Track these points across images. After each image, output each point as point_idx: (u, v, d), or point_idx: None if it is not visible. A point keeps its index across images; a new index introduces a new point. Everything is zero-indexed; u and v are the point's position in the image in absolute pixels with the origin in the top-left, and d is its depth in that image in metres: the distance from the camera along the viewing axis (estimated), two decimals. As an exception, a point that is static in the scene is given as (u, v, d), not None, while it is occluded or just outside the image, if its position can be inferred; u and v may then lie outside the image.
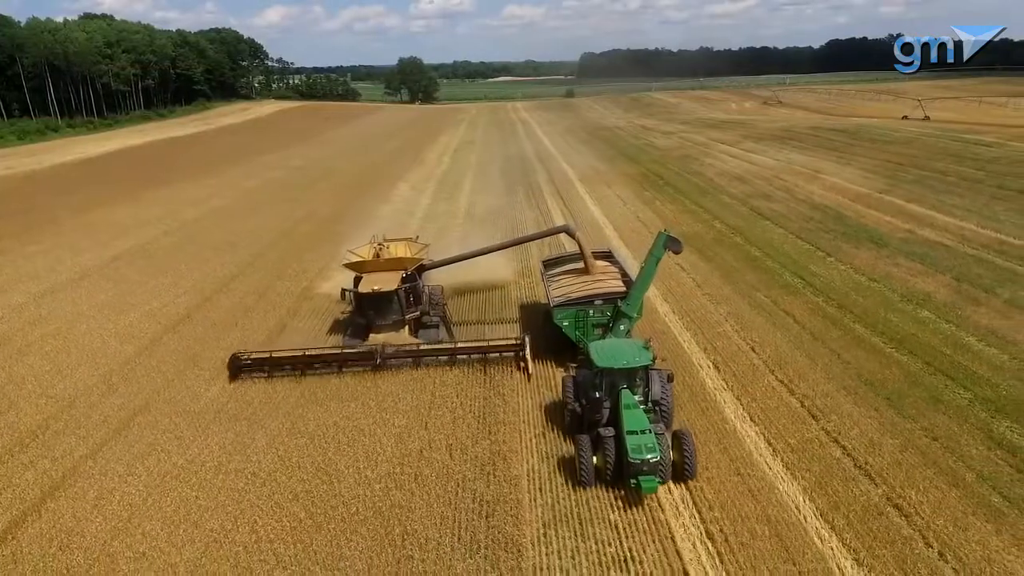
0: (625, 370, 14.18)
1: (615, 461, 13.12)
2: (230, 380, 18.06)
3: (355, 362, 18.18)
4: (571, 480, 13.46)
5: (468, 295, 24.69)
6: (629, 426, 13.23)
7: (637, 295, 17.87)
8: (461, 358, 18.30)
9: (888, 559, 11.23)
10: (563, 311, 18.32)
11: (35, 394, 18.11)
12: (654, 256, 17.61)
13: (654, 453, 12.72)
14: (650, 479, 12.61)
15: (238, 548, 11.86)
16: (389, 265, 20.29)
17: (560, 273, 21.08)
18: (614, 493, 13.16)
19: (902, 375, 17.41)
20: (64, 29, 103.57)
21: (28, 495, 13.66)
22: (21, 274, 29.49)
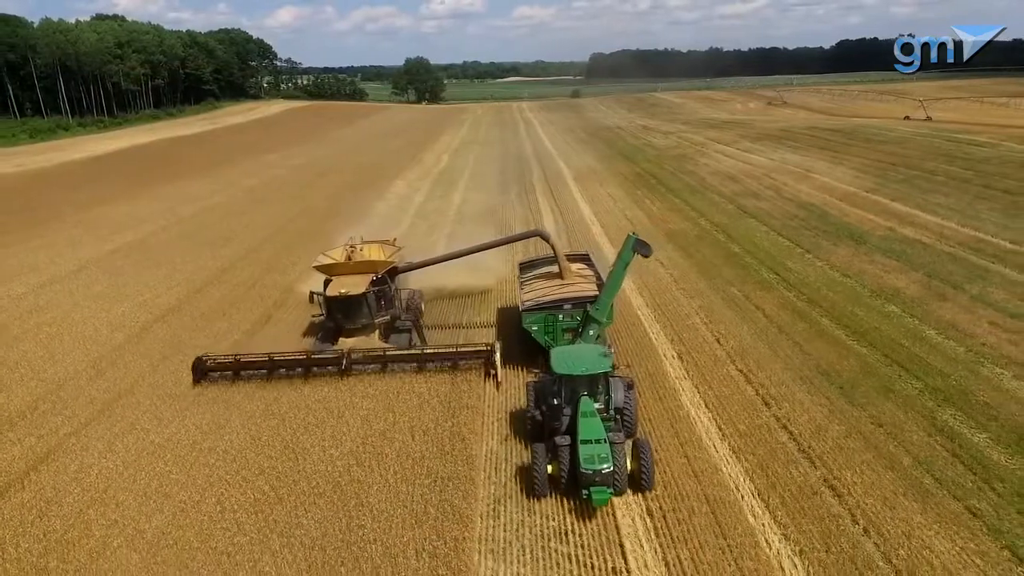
0: (585, 377, 13.89)
1: (569, 470, 12.80)
2: (194, 383, 17.72)
3: (321, 367, 17.82)
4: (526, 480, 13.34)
5: (453, 299, 24.48)
6: (584, 435, 12.93)
7: (606, 300, 17.40)
8: (430, 365, 17.83)
9: (814, 534, 11.81)
10: (532, 315, 18.12)
11: (27, 377, 19.03)
12: (623, 260, 17.26)
13: (607, 463, 12.43)
14: (602, 490, 12.34)
15: (203, 517, 12.61)
16: (359, 268, 19.65)
17: (534, 276, 20.93)
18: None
19: (858, 366, 17.92)
20: (76, 30, 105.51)
21: (13, 468, 14.52)
22: (23, 266, 30.54)
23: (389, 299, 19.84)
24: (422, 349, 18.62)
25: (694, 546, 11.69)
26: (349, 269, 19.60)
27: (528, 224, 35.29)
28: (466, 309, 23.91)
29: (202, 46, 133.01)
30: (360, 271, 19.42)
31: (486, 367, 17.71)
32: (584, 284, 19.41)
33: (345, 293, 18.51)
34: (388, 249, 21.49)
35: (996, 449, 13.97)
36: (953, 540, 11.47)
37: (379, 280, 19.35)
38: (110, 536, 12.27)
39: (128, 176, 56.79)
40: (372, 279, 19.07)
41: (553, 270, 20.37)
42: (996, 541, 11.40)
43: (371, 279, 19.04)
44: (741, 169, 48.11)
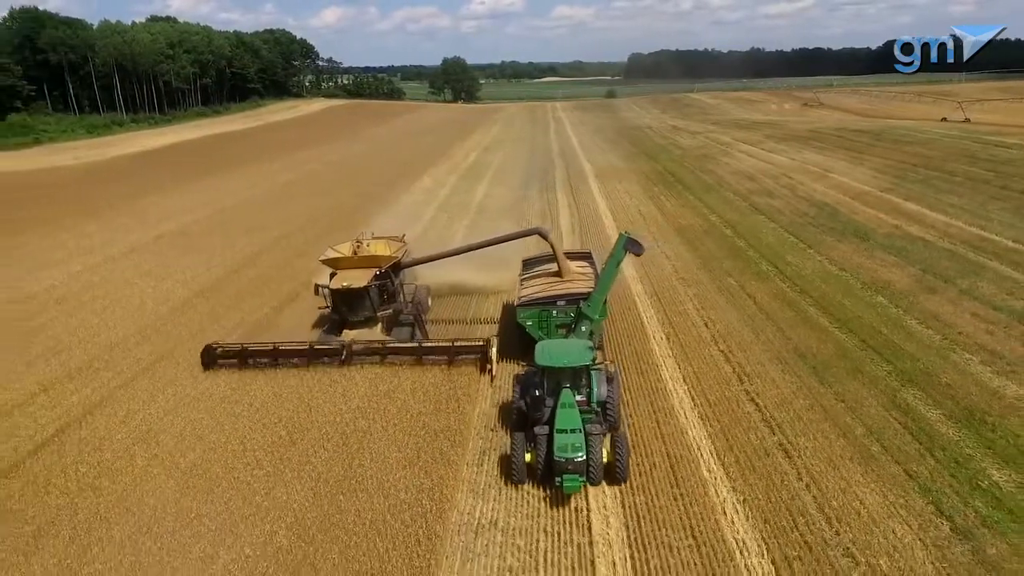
0: (567, 369, 14.15)
1: (545, 459, 13.22)
2: (204, 369, 18.45)
3: (323, 356, 18.38)
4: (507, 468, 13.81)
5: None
6: (560, 424, 13.29)
7: (598, 297, 17.46)
8: (427, 358, 18.26)
9: (759, 487, 13.18)
10: (527, 311, 18.51)
11: (84, 340, 21.56)
12: (614, 258, 17.27)
13: (580, 453, 12.82)
14: (574, 478, 12.72)
15: (228, 455, 14.67)
16: (364, 262, 19.98)
17: (534, 273, 21.21)
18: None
19: (835, 349, 19.04)
20: (132, 31, 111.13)
21: (73, 412, 16.89)
22: (80, 248, 33.54)
23: (392, 293, 20.31)
24: (420, 342, 19.07)
25: (650, 493, 13.19)
26: (354, 263, 20.01)
27: (544, 218, 36.95)
28: (475, 305, 24.19)
29: (248, 46, 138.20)
30: (364, 265, 19.80)
31: (481, 362, 18.06)
32: (580, 282, 19.71)
33: (347, 286, 19.00)
34: (394, 245, 21.91)
35: (946, 424, 15.06)
36: (885, 496, 12.71)
37: (382, 275, 19.73)
38: (151, 467, 14.42)
39: (175, 170, 60.36)
40: (375, 273, 19.45)
41: (554, 267, 20.74)
42: (924, 498, 12.60)
43: (374, 273, 19.42)
44: (760, 168, 48.77)
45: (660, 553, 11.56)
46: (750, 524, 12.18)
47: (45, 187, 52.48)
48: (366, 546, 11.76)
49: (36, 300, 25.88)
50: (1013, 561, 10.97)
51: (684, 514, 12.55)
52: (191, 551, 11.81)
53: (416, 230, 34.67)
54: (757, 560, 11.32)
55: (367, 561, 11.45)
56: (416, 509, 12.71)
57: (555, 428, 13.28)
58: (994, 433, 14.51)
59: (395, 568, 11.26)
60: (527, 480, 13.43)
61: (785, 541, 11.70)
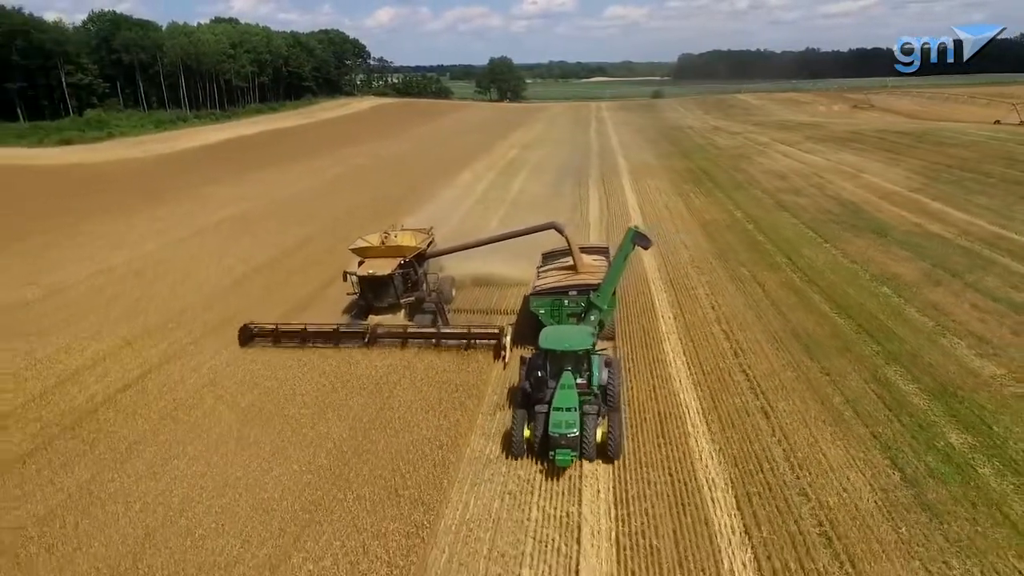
0: (568, 353, 14.99)
1: (542, 434, 14.11)
2: (241, 346, 20.19)
3: (349, 338, 19.75)
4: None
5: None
6: (557, 403, 14.16)
7: (607, 288, 18.22)
8: (445, 343, 19.50)
9: (735, 439, 14.95)
10: (539, 300, 19.43)
11: (159, 306, 24.67)
12: (623, 252, 18.08)
13: (573, 429, 13.66)
14: (565, 452, 13.55)
15: (280, 397, 17.27)
16: (390, 252, 21.11)
17: (551, 265, 22.09)
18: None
19: (829, 331, 20.47)
20: (197, 32, 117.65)
21: (152, 361, 19.85)
22: (152, 231, 37.17)
23: (415, 282, 21.42)
24: (438, 329, 20.25)
25: (638, 441, 15.10)
26: (380, 253, 21.24)
27: (574, 210, 38.89)
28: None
29: (304, 46, 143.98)
30: (390, 255, 21.02)
31: (496, 348, 19.10)
32: (593, 274, 20.31)
33: (373, 273, 20.31)
34: (419, 236, 22.98)
35: (919, 396, 16.45)
36: (847, 450, 14.32)
37: (406, 264, 20.86)
38: (217, 405, 17.13)
39: (234, 162, 64.59)
40: (400, 263, 20.66)
41: (571, 261, 21.44)
42: (882, 454, 14.15)
43: (398, 262, 20.63)
44: (793, 168, 49.44)
45: (639, 486, 13.49)
46: (721, 467, 13.99)
47: (120, 177, 57.26)
48: (391, 468, 14.10)
49: (117, 272, 29.32)
50: (948, 504, 12.49)
51: (665, 458, 14.44)
52: (250, 465, 14.37)
53: (453, 220, 37.19)
54: (722, 494, 13.14)
55: (391, 479, 13.77)
56: (434, 443, 14.99)
57: (552, 406, 14.16)
58: (961, 405, 15.85)
59: (414, 485, 13.55)
60: (525, 453, 14.33)
61: (749, 481, 13.48)
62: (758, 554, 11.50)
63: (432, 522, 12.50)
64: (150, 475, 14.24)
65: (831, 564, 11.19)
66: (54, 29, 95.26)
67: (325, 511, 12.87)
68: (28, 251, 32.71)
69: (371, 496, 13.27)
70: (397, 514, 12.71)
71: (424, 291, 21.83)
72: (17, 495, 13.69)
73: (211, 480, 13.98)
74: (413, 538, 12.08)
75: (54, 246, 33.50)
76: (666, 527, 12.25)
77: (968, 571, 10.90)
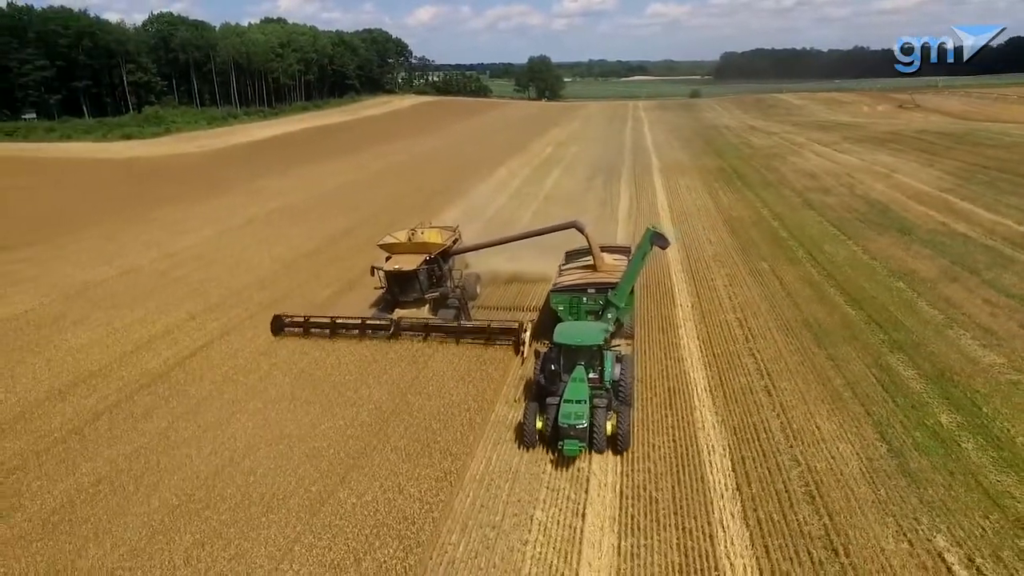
0: (581, 348, 15.46)
1: (553, 425, 14.60)
2: (273, 335, 21.30)
3: (374, 330, 20.67)
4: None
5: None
6: (567, 395, 14.63)
7: (624, 287, 18.55)
8: (466, 337, 20.09)
9: (736, 412, 16.31)
10: (559, 296, 19.83)
11: (217, 287, 27.15)
12: (641, 251, 18.45)
13: (581, 420, 14.11)
14: (573, 443, 14.01)
15: (327, 365, 19.34)
16: (416, 248, 21.83)
17: (573, 264, 22.50)
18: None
19: (839, 321, 21.51)
20: (248, 32, 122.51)
21: (214, 333, 22.20)
22: (208, 219, 40.06)
23: (439, 278, 22.19)
24: (459, 323, 20.81)
25: (646, 412, 16.58)
26: (407, 249, 22.00)
27: (604, 206, 40.29)
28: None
29: (348, 45, 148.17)
30: (416, 251, 21.79)
31: (516, 343, 19.71)
32: (612, 273, 20.45)
33: (398, 269, 21.13)
34: (446, 234, 23.63)
35: (918, 381, 17.48)
36: (840, 425, 15.54)
37: (431, 260, 21.62)
38: (272, 370, 19.28)
39: (281, 157, 67.83)
40: (425, 259, 21.47)
41: (592, 260, 21.65)
42: (874, 429, 15.32)
43: (424, 259, 21.42)
44: (825, 168, 49.74)
45: (644, 448, 15.00)
46: (721, 436, 15.39)
47: (178, 170, 60.97)
48: (425, 426, 15.94)
49: (178, 256, 32.04)
50: (928, 472, 13.65)
51: (670, 427, 15.90)
52: (301, 420, 16.41)
53: (488, 213, 39.18)
54: (719, 458, 14.56)
55: (424, 435, 15.61)
56: (463, 407, 16.79)
57: (563, 398, 14.66)
58: (956, 388, 16.86)
59: (444, 440, 15.35)
60: (537, 444, 14.96)
61: (745, 447, 14.86)
62: (745, 506, 12.92)
63: (459, 470, 14.27)
64: (216, 426, 16.39)
65: (811, 517, 12.54)
66: (117, 30, 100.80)
67: (366, 458, 14.77)
68: (101, 236, 35.83)
69: (407, 448, 15.12)
70: (429, 463, 14.54)
71: (448, 287, 22.55)
72: (109, 437, 16.01)
73: (268, 431, 16.04)
74: (442, 482, 13.88)
75: (124, 232, 36.58)
76: (666, 482, 13.75)
77: (935, 526, 12.11)
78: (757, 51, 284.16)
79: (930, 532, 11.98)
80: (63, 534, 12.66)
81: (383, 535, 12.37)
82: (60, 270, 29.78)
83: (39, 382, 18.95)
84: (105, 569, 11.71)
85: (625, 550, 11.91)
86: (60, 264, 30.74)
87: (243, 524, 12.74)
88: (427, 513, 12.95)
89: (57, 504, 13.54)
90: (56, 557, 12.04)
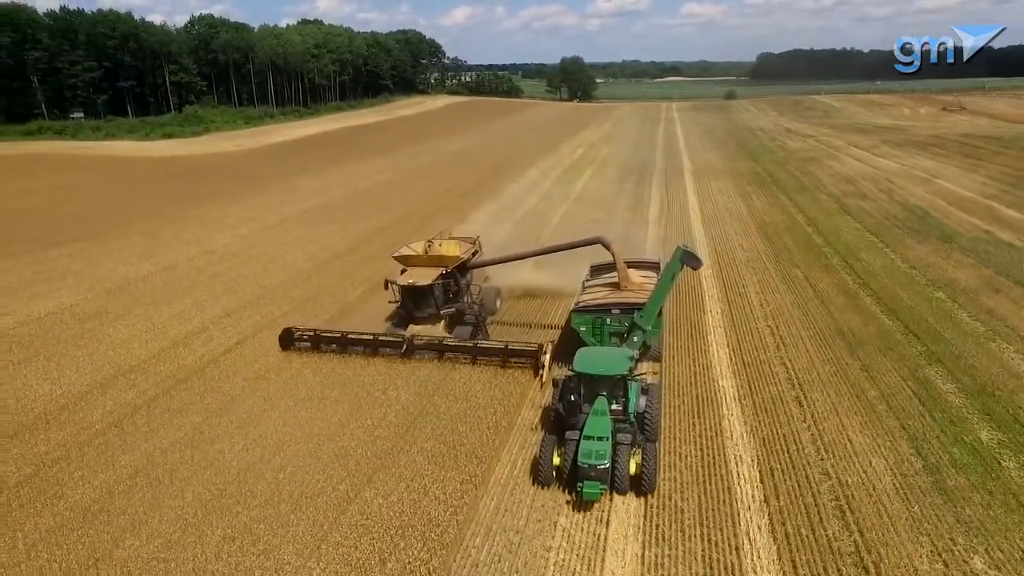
0: (603, 377, 14.16)
1: (572, 463, 13.38)
2: (281, 350, 20.39)
3: (386, 347, 19.61)
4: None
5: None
6: (588, 431, 13.42)
7: (652, 308, 17.19)
8: (482, 358, 18.97)
9: (765, 421, 16.06)
10: (581, 316, 18.62)
11: (252, 284, 27.76)
12: (670, 271, 16.97)
13: (603, 460, 12.86)
14: (594, 485, 12.76)
15: (356, 365, 19.57)
16: (432, 262, 20.76)
17: (597, 280, 21.31)
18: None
19: (875, 331, 21.00)
20: (285, 33, 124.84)
21: (248, 330, 22.72)
22: (245, 217, 40.96)
23: (456, 293, 21.08)
24: (476, 343, 19.57)
25: (674, 419, 16.43)
26: (423, 262, 20.91)
27: (634, 209, 40.02)
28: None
29: (382, 46, 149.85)
30: (432, 264, 20.70)
31: (534, 366, 18.45)
32: (639, 292, 19.28)
33: (412, 283, 19.95)
34: (464, 246, 22.50)
35: (956, 395, 16.98)
36: (874, 439, 15.18)
37: (447, 274, 20.50)
38: (302, 370, 19.61)
39: (316, 157, 68.97)
40: (441, 273, 20.30)
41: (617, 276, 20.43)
42: (909, 444, 14.92)
43: (440, 273, 20.27)
44: (863, 172, 48.57)
45: (670, 457, 14.86)
46: (750, 446, 15.17)
47: (216, 168, 62.48)
48: (451, 428, 16.07)
49: (215, 254, 32.83)
50: (966, 490, 13.25)
51: (697, 435, 15.72)
52: (330, 418, 16.68)
53: (517, 214, 39.25)
54: (747, 469, 14.36)
55: (450, 438, 15.74)
56: (489, 410, 16.86)
57: (583, 434, 13.46)
58: (998, 404, 16.33)
59: (470, 443, 15.45)
60: (553, 482, 13.68)
61: (774, 459, 14.62)
62: (773, 519, 12.72)
63: (484, 473, 14.35)
64: (248, 422, 16.77)
65: (841, 532, 12.28)
66: (161, 32, 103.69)
67: (393, 459, 14.95)
68: (143, 232, 36.92)
69: (432, 450, 15.26)
70: (454, 465, 14.65)
71: (465, 303, 21.46)
72: (146, 431, 16.52)
73: (298, 429, 16.35)
74: (467, 485, 13.97)
75: (164, 229, 37.63)
76: (692, 492, 13.61)
77: (972, 547, 11.75)
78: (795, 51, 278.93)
79: (967, 553, 11.63)
80: (102, 524, 13.10)
81: (408, 536, 12.51)
82: (103, 266, 30.79)
83: (82, 375, 19.64)
84: (141, 559, 12.08)
85: (649, 559, 11.84)
86: (104, 260, 31.78)
87: (272, 521, 13.01)
88: (452, 516, 13.05)
89: (97, 495, 14.02)
90: (95, 546, 12.47)
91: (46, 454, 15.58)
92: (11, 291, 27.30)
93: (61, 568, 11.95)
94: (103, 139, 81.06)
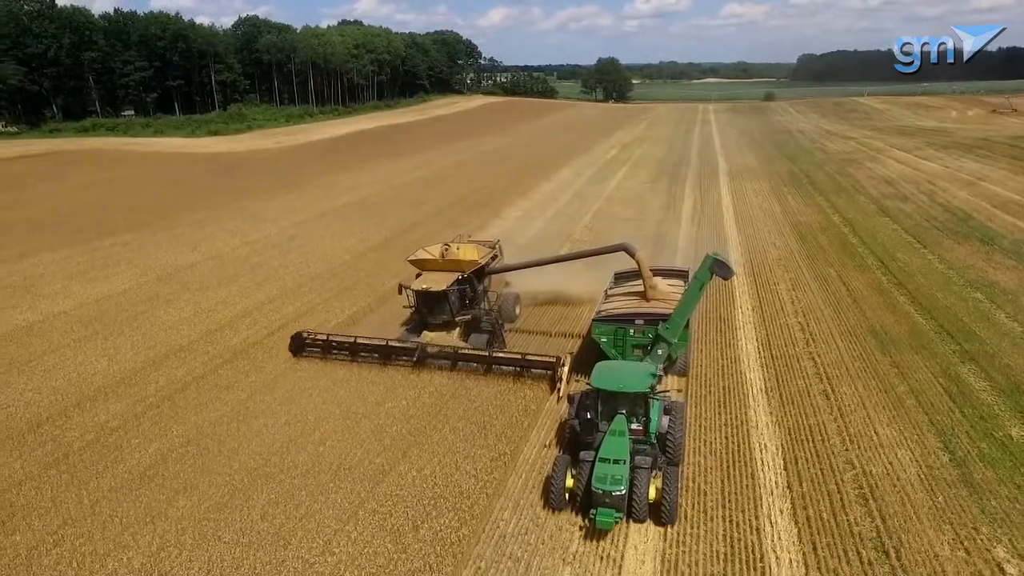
0: (623, 394, 13.17)
1: (586, 486, 12.40)
2: (293, 356, 19.90)
3: (398, 355, 18.87)
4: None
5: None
6: (603, 453, 12.42)
7: (678, 320, 16.28)
8: (497, 369, 18.17)
9: (791, 414, 16.24)
10: (602, 326, 17.68)
11: (293, 274, 28.87)
12: (698, 280, 16.08)
13: (619, 487, 11.85)
14: (608, 513, 11.73)
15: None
16: (447, 266, 20.08)
17: (621, 288, 20.50)
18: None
19: (908, 329, 20.90)
20: (326, 34, 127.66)
21: (289, 315, 23.73)
22: (286, 211, 42.36)
23: (472, 299, 20.33)
24: (491, 352, 18.78)
25: (700, 408, 16.73)
26: (439, 266, 20.23)
27: (668, 209, 40.11)
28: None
29: (420, 46, 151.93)
30: (448, 269, 19.98)
31: (552, 379, 17.58)
32: (665, 302, 18.37)
33: (427, 288, 19.22)
34: (482, 251, 21.68)
35: (988, 392, 16.88)
36: (901, 432, 15.25)
37: (463, 280, 19.77)
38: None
39: (354, 154, 70.57)
40: (457, 278, 19.56)
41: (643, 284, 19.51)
42: (937, 438, 14.96)
43: (456, 278, 19.53)
44: (904, 174, 47.68)
45: (695, 443, 15.17)
46: (775, 436, 15.40)
47: (259, 165, 64.50)
48: (481, 410, 16.68)
49: (258, 245, 34.15)
50: (992, 484, 13.28)
51: (723, 424, 16.00)
52: (367, 399, 17.46)
53: (548, 213, 39.74)
54: (771, 457, 14.61)
55: (481, 419, 16.34)
56: (519, 395, 17.46)
57: (598, 455, 12.43)
58: (1031, 403, 16.20)
59: (500, 424, 16.03)
60: (565, 506, 12.77)
61: (799, 448, 14.83)
62: (795, 504, 12.97)
63: (513, 452, 14.92)
64: (290, 400, 17.65)
65: (863, 519, 12.48)
66: (208, 33, 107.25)
67: (426, 436, 15.63)
68: (190, 223, 38.57)
69: (464, 429, 15.89)
70: (484, 443, 15.25)
71: (482, 309, 20.78)
72: (196, 404, 17.55)
73: (337, 407, 17.15)
74: (496, 462, 14.55)
75: (209, 221, 39.23)
76: (715, 476, 13.93)
77: (996, 537, 11.83)
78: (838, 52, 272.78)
79: (990, 543, 11.72)
80: (157, 486, 14.07)
81: (440, 506, 13.14)
82: (154, 254, 32.35)
83: (137, 353, 20.86)
84: (194, 518, 12.97)
85: (672, 536, 12.22)
86: (154, 248, 33.36)
87: (313, 488, 13.79)
88: (481, 490, 13.64)
89: (152, 460, 15.02)
90: (152, 504, 13.42)
91: (106, 423, 16.70)
92: (71, 276, 28.96)
93: (121, 523, 12.92)
94: (152, 136, 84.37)
